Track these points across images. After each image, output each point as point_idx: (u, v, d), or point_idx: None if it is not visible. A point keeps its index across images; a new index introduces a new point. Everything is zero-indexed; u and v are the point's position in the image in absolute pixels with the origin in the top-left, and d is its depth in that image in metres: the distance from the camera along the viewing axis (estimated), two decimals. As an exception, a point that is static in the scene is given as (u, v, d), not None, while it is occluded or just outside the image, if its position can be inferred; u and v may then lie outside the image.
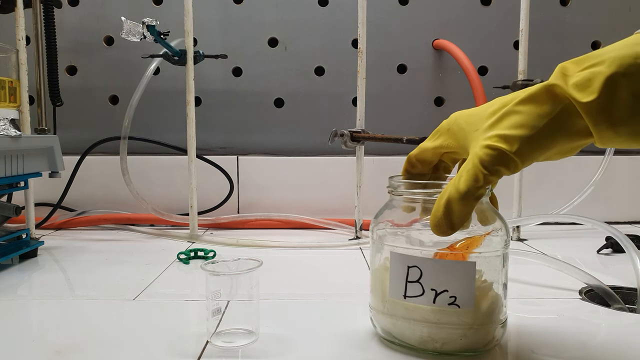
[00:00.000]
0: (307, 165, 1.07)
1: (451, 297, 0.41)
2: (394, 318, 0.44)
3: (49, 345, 0.45)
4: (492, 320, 0.43)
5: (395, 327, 0.44)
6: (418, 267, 0.42)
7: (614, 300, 0.58)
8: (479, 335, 0.42)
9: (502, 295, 0.44)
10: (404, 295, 0.42)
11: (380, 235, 0.46)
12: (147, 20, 0.81)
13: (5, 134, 0.68)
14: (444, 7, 1.08)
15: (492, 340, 0.43)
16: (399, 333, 0.44)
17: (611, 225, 0.70)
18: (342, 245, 0.87)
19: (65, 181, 0.98)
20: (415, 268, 0.42)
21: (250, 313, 0.46)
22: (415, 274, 0.42)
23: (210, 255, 0.77)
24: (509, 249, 0.44)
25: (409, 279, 0.42)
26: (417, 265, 0.42)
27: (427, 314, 0.42)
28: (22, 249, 0.75)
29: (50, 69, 0.85)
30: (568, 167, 1.06)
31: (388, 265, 0.44)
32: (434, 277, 0.41)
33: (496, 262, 0.43)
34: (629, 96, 0.34)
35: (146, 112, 1.04)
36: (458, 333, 0.42)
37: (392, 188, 0.46)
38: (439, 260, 0.42)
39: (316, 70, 1.09)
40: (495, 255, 0.43)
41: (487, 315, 0.42)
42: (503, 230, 0.44)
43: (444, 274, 0.41)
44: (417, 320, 0.42)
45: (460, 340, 0.42)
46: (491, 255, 0.43)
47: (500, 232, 0.43)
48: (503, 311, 0.44)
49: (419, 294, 0.42)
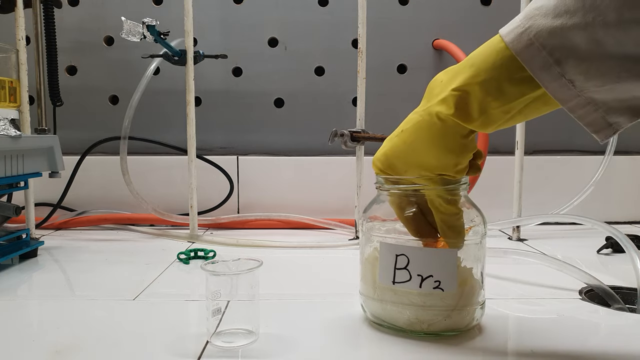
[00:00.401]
0: (307, 165, 1.07)
1: (436, 281, 0.45)
2: (383, 303, 0.47)
3: (48, 345, 0.45)
4: (472, 302, 0.47)
5: (385, 311, 0.47)
6: (405, 255, 0.46)
7: (614, 300, 0.58)
8: (461, 316, 0.46)
9: (481, 280, 0.48)
10: (392, 281, 0.46)
11: (368, 227, 0.49)
12: (147, 20, 0.81)
13: (5, 134, 0.68)
14: (444, 7, 1.08)
15: (472, 321, 0.47)
16: (388, 316, 0.47)
17: (611, 225, 0.70)
18: (342, 245, 0.87)
19: (65, 181, 0.98)
20: (403, 256, 0.46)
21: (250, 313, 0.46)
22: (403, 261, 0.46)
23: (210, 255, 0.77)
24: (485, 238, 0.48)
25: (397, 266, 0.46)
26: (405, 254, 0.46)
27: (414, 298, 0.46)
28: (22, 249, 0.75)
29: (50, 69, 0.85)
30: (568, 167, 1.06)
31: (377, 255, 0.48)
32: (420, 264, 0.45)
33: (475, 250, 0.47)
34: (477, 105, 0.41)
35: (146, 112, 1.04)
36: (442, 314, 0.46)
37: (379, 184, 0.49)
38: (424, 248, 0.46)
39: (316, 70, 1.09)
40: (474, 244, 0.47)
41: (467, 297, 0.46)
42: (481, 222, 0.48)
43: (429, 261, 0.45)
44: (405, 304, 0.46)
45: (444, 321, 0.46)
46: (470, 243, 0.47)
47: (478, 222, 0.48)
48: (482, 294, 0.48)
49: (406, 280, 0.45)
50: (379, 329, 0.48)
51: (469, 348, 0.45)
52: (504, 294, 0.60)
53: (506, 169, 0.96)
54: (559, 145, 1.10)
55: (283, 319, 0.52)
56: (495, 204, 0.83)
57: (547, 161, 1.07)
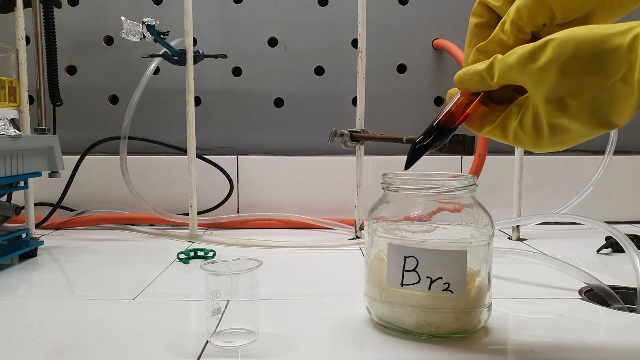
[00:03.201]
0: (307, 165, 1.07)
1: (445, 283, 0.44)
2: (391, 305, 0.47)
3: (48, 345, 0.45)
4: (480, 304, 0.47)
5: (392, 314, 0.47)
6: (415, 257, 0.45)
7: (614, 300, 0.58)
8: (469, 319, 0.46)
9: (488, 282, 0.48)
10: (401, 284, 0.45)
11: (375, 228, 0.49)
12: (147, 20, 0.81)
13: (5, 134, 0.68)
14: (444, 7, 1.08)
15: (479, 323, 0.47)
16: (395, 319, 0.47)
17: (611, 225, 0.70)
18: (342, 245, 0.87)
19: (65, 181, 0.98)
20: (412, 258, 0.45)
21: (250, 313, 0.46)
22: (412, 263, 0.45)
23: (210, 255, 0.77)
24: (493, 239, 0.48)
25: (406, 269, 0.45)
26: (414, 255, 0.45)
27: (423, 301, 0.45)
28: (22, 249, 0.75)
29: (50, 69, 0.85)
30: (568, 167, 1.06)
31: (383, 256, 0.47)
32: (429, 266, 0.45)
33: (483, 252, 0.47)
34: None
35: (146, 112, 1.04)
36: (451, 317, 0.45)
37: (387, 185, 0.49)
38: (434, 250, 0.45)
39: (316, 70, 1.09)
40: (483, 245, 0.47)
41: (476, 300, 0.46)
42: (489, 223, 0.48)
43: (438, 263, 0.45)
44: (413, 307, 0.46)
45: (453, 324, 0.46)
46: (479, 244, 0.47)
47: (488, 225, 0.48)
48: (489, 296, 0.48)
49: (415, 282, 0.45)
50: (384, 331, 0.48)
51: (476, 350, 0.45)
52: (504, 294, 0.60)
53: (506, 169, 0.96)
54: (559, 145, 1.10)
55: (283, 319, 0.52)
56: (495, 204, 0.83)
57: (547, 161, 1.07)
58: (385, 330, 0.48)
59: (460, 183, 0.48)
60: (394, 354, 0.44)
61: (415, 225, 0.47)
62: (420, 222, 0.47)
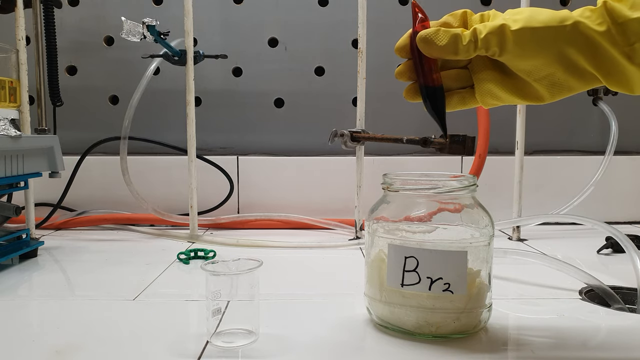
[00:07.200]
0: (307, 165, 1.07)
1: (445, 284, 0.44)
2: (391, 305, 0.47)
3: (49, 345, 0.45)
4: (480, 304, 0.47)
5: (392, 314, 0.47)
6: (415, 257, 0.45)
7: (614, 300, 0.58)
8: (469, 319, 0.46)
9: (488, 282, 0.47)
10: (401, 284, 0.45)
11: (375, 228, 0.49)
12: (147, 20, 0.81)
13: (5, 134, 0.68)
14: (444, 7, 1.07)
15: (480, 323, 0.47)
16: (395, 319, 0.47)
17: (611, 225, 0.70)
18: (342, 245, 0.87)
19: (65, 181, 0.98)
20: (412, 258, 0.45)
21: (250, 313, 0.46)
22: (412, 263, 0.45)
23: (210, 256, 0.77)
24: (493, 240, 0.48)
25: (406, 269, 0.45)
26: (414, 255, 0.45)
27: (423, 301, 0.45)
28: (22, 249, 0.75)
29: (50, 69, 0.85)
30: (568, 167, 1.06)
31: (383, 257, 0.47)
32: (429, 266, 0.45)
33: (484, 252, 0.47)
34: None
35: (146, 112, 1.04)
36: (451, 317, 0.45)
37: (387, 185, 0.49)
38: (434, 250, 0.45)
39: (316, 70, 1.09)
40: (483, 245, 0.47)
41: (476, 300, 0.46)
42: (489, 223, 0.48)
43: (439, 263, 0.44)
44: (414, 307, 0.46)
45: (453, 324, 0.46)
46: (479, 244, 0.46)
47: (488, 225, 0.48)
48: (489, 296, 0.48)
49: (415, 282, 0.45)
50: (384, 332, 0.48)
51: (476, 350, 0.45)
52: (504, 294, 0.60)
53: (506, 169, 0.96)
54: (559, 145, 1.10)
55: (283, 319, 0.52)
56: (495, 204, 0.83)
57: (547, 161, 1.07)
58: (385, 331, 0.48)
59: (460, 183, 0.48)
60: (394, 354, 0.44)
61: (416, 226, 0.47)
62: (420, 222, 0.47)
